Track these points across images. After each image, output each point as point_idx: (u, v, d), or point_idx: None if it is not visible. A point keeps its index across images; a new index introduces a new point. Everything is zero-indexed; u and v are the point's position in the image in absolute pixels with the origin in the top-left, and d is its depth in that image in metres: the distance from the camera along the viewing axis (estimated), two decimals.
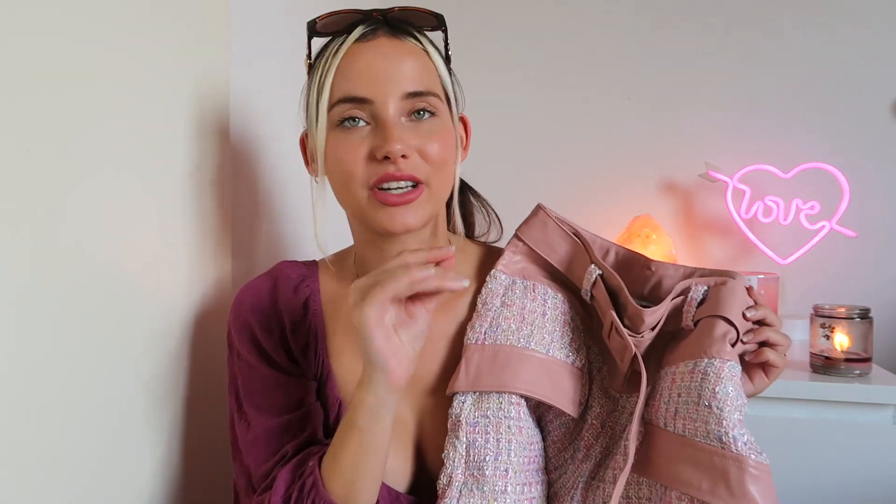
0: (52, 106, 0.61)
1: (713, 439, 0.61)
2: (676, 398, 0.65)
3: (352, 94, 0.68)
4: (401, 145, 0.66)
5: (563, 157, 1.74)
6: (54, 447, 0.62)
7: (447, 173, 0.72)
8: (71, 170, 0.64)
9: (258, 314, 0.76)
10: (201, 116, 0.85)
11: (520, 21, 1.75)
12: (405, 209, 0.68)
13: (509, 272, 0.76)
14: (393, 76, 0.68)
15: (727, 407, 0.61)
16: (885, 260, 1.58)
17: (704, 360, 0.64)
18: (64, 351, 0.63)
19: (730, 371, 0.62)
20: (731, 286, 0.67)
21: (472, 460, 0.67)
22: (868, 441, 1.15)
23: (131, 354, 0.73)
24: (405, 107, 0.69)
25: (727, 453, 0.60)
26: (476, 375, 0.69)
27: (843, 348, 1.22)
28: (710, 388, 0.62)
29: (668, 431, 0.64)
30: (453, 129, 0.74)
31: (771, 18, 1.63)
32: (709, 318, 0.66)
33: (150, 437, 0.77)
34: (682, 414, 0.64)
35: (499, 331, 0.71)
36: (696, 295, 0.68)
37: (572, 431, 0.73)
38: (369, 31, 0.71)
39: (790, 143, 1.61)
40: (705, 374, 0.63)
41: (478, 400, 0.69)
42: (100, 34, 0.67)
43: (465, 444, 0.68)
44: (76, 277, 0.65)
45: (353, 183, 0.69)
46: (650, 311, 0.67)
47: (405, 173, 0.67)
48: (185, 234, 0.83)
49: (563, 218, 0.77)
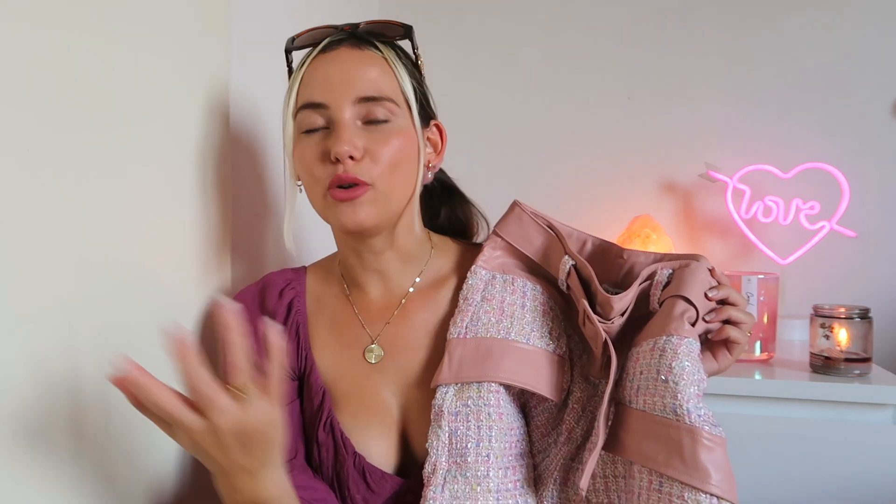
0: (51, 106, 0.61)
1: (669, 412, 0.63)
2: (639, 376, 0.67)
3: (310, 101, 0.74)
4: (348, 146, 0.70)
5: (563, 157, 1.74)
6: (54, 447, 0.63)
7: (400, 176, 0.75)
8: (70, 170, 0.64)
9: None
10: (201, 116, 0.85)
11: (519, 21, 1.75)
12: (351, 205, 0.72)
13: (489, 267, 0.79)
14: (348, 82, 0.73)
15: (682, 381, 0.63)
16: (885, 260, 1.58)
17: (663, 337, 0.66)
18: (64, 350, 0.63)
19: (687, 347, 0.65)
20: (693, 268, 0.70)
21: (455, 448, 0.70)
22: (868, 441, 1.15)
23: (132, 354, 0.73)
24: (359, 111, 0.73)
25: (681, 425, 0.62)
26: (458, 368, 0.72)
27: (842, 348, 1.22)
28: (667, 363, 0.64)
29: (632, 408, 0.67)
30: (413, 134, 0.76)
31: (771, 18, 1.63)
32: (670, 298, 0.69)
33: (151, 435, 0.77)
34: (642, 390, 0.66)
35: (479, 324, 0.74)
36: (660, 278, 0.72)
37: (555, 417, 0.75)
38: (334, 42, 0.75)
39: (790, 143, 1.61)
40: (663, 350, 0.65)
41: (459, 390, 0.72)
42: (99, 34, 0.67)
43: (448, 432, 0.71)
44: (76, 277, 0.65)
45: (314, 184, 0.74)
46: (618, 297, 0.70)
47: (349, 175, 0.71)
48: (185, 235, 0.83)
49: (537, 212, 0.80)
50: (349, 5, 1.47)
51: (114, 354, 0.70)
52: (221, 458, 0.58)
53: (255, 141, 1.00)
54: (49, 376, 0.62)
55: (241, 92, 0.96)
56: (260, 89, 1.01)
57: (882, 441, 1.14)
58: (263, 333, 0.58)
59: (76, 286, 0.65)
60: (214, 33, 0.88)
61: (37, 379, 0.60)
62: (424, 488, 0.71)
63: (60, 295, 0.63)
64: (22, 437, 0.59)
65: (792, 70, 1.62)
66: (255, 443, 0.58)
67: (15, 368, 0.58)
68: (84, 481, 0.66)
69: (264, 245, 1.04)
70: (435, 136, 0.82)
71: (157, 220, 0.78)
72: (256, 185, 1.01)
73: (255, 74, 1.00)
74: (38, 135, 0.59)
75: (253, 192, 1.00)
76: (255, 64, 1.00)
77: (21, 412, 0.59)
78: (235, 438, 0.57)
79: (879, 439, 1.15)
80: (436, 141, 0.82)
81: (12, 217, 0.57)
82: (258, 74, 1.01)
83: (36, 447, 0.60)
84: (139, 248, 0.74)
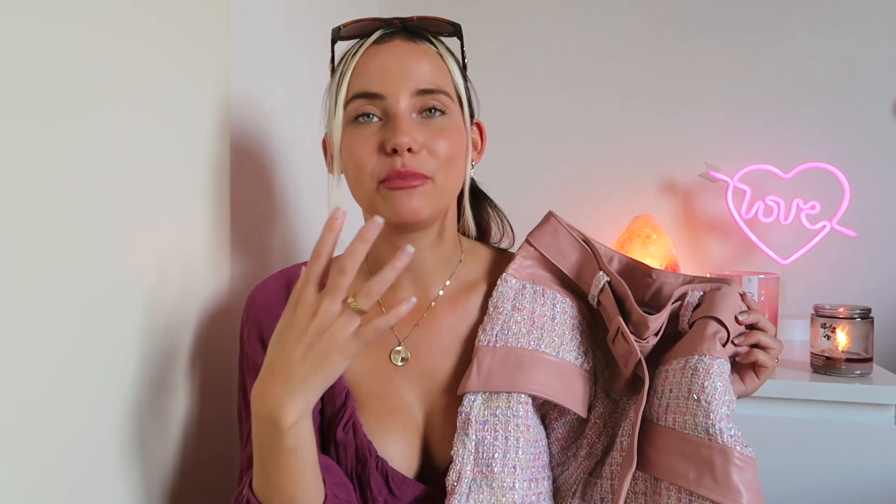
0: (51, 106, 0.61)
1: (700, 431, 0.63)
2: (668, 394, 0.68)
3: (365, 90, 0.72)
4: (408, 138, 0.69)
5: (563, 157, 1.74)
6: (55, 447, 0.62)
7: (455, 171, 0.74)
8: (69, 170, 0.63)
9: (267, 314, 0.77)
10: (201, 116, 0.85)
11: (519, 22, 1.75)
12: (410, 193, 0.71)
13: (520, 276, 0.78)
14: (405, 73, 0.72)
15: (715, 401, 0.63)
16: (885, 260, 1.58)
17: (695, 356, 0.67)
18: (63, 350, 0.63)
19: (719, 368, 0.65)
20: (725, 291, 0.71)
21: (481, 457, 0.69)
22: (869, 441, 1.15)
23: (131, 353, 0.73)
24: (416, 103, 0.72)
25: (713, 444, 0.62)
26: (487, 376, 0.71)
27: (843, 348, 1.22)
28: (699, 382, 0.65)
29: (660, 426, 0.67)
30: (464, 130, 0.76)
31: (771, 18, 1.63)
32: (702, 318, 0.69)
33: (153, 435, 0.77)
34: (672, 408, 0.66)
35: (510, 334, 0.73)
36: (692, 299, 0.72)
37: (576, 430, 0.75)
38: (386, 35, 0.74)
39: (790, 143, 1.61)
40: (695, 370, 0.66)
41: (487, 399, 0.71)
42: (99, 34, 0.67)
43: (475, 441, 0.70)
44: (76, 277, 0.65)
45: (364, 175, 0.72)
46: (654, 317, 0.70)
47: (409, 170, 0.70)
48: (185, 235, 0.83)
49: (572, 226, 0.79)
50: (349, 5, 1.47)
51: (113, 353, 0.71)
52: (290, 346, 0.57)
53: (255, 141, 1.00)
54: (49, 376, 0.62)
55: (241, 92, 0.96)
56: (260, 89, 1.01)
57: (883, 441, 1.14)
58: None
59: (75, 285, 0.64)
60: (214, 33, 0.88)
61: (37, 378, 0.60)
62: (448, 496, 0.69)
63: (59, 294, 0.63)
64: (21, 437, 0.59)
65: (792, 70, 1.62)
66: (321, 358, 0.57)
67: (15, 368, 0.58)
68: (84, 481, 0.66)
69: (265, 245, 1.04)
70: (476, 135, 0.82)
71: (157, 219, 0.77)
72: (257, 186, 1.01)
73: (255, 74, 1.00)
74: (38, 135, 0.59)
75: (253, 192, 1.00)
76: (255, 64, 1.00)
77: (21, 412, 0.59)
78: (316, 335, 0.56)
79: (880, 440, 1.14)
80: (476, 140, 0.82)
81: (12, 217, 0.57)
82: (258, 74, 1.01)
83: (36, 447, 0.60)
84: (139, 248, 0.74)
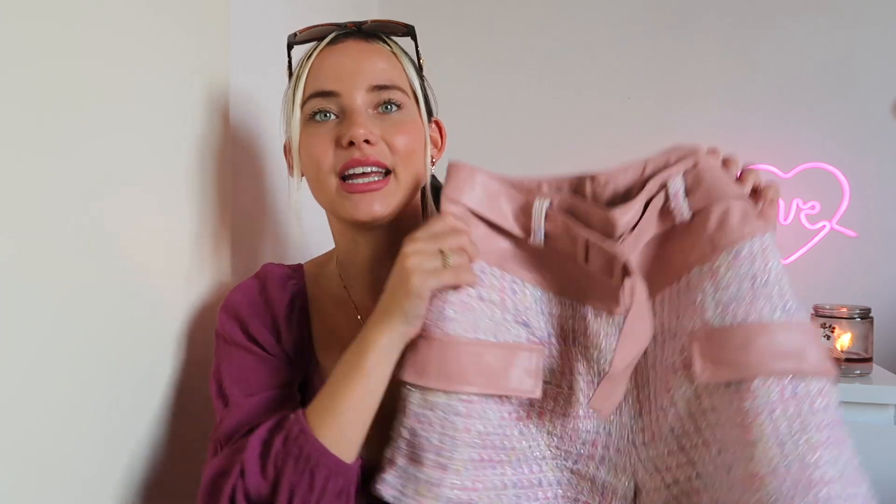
0: (51, 106, 0.61)
1: (778, 313, 0.60)
2: (723, 291, 0.62)
3: (321, 89, 0.73)
4: (364, 130, 0.70)
5: (563, 157, 1.74)
6: (55, 446, 0.62)
7: (414, 165, 0.75)
8: (69, 171, 0.63)
9: (249, 307, 0.78)
10: (201, 116, 0.85)
11: (519, 21, 1.75)
12: (371, 197, 0.71)
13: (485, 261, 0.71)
14: (359, 71, 0.73)
15: (783, 278, 0.61)
16: (885, 260, 1.58)
17: (746, 242, 0.62)
18: (63, 350, 0.63)
19: (771, 241, 0.63)
20: (706, 165, 0.66)
21: (414, 449, 0.65)
22: (869, 441, 1.15)
23: (131, 352, 0.73)
24: (371, 99, 0.73)
25: (792, 323, 0.60)
26: (422, 369, 0.64)
27: (843, 348, 1.22)
28: (762, 265, 0.62)
29: (728, 325, 0.61)
30: (422, 126, 0.77)
31: (771, 18, 1.63)
32: (716, 204, 0.64)
33: (149, 434, 0.77)
34: (736, 302, 0.61)
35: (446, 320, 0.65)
36: (676, 187, 0.66)
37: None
38: (341, 36, 0.76)
39: (790, 143, 1.61)
40: (753, 256, 0.62)
41: (424, 392, 0.65)
42: (99, 34, 0.67)
43: (409, 431, 0.65)
44: (76, 277, 0.64)
45: (322, 171, 0.73)
46: (620, 210, 0.64)
47: (370, 158, 0.71)
48: (185, 235, 0.83)
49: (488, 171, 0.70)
50: (349, 6, 1.47)
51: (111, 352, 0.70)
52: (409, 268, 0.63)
53: (255, 140, 1.00)
54: (49, 375, 0.62)
55: (241, 92, 0.96)
56: (260, 89, 1.01)
57: (883, 441, 1.14)
58: None
59: (74, 285, 0.64)
60: (214, 33, 0.88)
61: (37, 378, 0.60)
62: (379, 472, 0.66)
63: (59, 293, 0.63)
64: (22, 436, 0.59)
65: (792, 70, 1.62)
66: (401, 289, 0.63)
67: (15, 368, 0.58)
68: (84, 480, 0.66)
69: (265, 244, 1.04)
70: (435, 133, 0.83)
71: (157, 219, 0.77)
72: (256, 185, 1.01)
73: (255, 74, 1.00)
74: (38, 135, 0.59)
75: (253, 191, 1.00)
76: (255, 64, 1.00)
77: (21, 412, 0.59)
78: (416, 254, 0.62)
79: (880, 439, 1.15)
80: (436, 138, 0.83)
81: (12, 217, 0.57)
82: (258, 74, 1.00)
83: (36, 447, 0.60)
84: (138, 247, 0.74)
